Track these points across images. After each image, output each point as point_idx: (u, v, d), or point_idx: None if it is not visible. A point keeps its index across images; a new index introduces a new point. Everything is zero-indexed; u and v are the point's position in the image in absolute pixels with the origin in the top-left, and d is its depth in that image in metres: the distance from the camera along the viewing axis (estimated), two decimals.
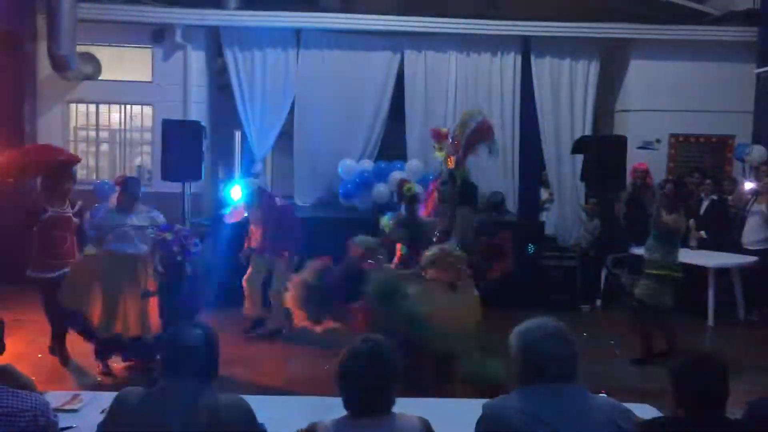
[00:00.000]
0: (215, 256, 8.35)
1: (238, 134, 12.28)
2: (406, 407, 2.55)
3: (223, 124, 11.12)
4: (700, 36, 10.05)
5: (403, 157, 10.15)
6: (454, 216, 6.18)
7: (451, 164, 6.19)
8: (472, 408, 2.64)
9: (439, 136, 7.06)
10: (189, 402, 2.34)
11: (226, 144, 11.72)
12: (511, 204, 10.09)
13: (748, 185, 8.79)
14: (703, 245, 8.69)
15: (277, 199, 7.15)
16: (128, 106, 10.15)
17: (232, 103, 10.31)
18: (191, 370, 2.40)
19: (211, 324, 2.59)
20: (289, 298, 5.35)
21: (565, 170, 10.36)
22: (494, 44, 10.28)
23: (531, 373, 2.46)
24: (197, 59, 9.95)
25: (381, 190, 9.52)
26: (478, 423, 2.48)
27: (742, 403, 2.73)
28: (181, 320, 5.12)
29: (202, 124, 9.03)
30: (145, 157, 10.22)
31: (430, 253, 5.17)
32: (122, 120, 10.20)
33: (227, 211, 7.86)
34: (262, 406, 2.80)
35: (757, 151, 9.41)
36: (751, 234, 8.35)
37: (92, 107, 10.14)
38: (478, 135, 6.14)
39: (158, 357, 2.51)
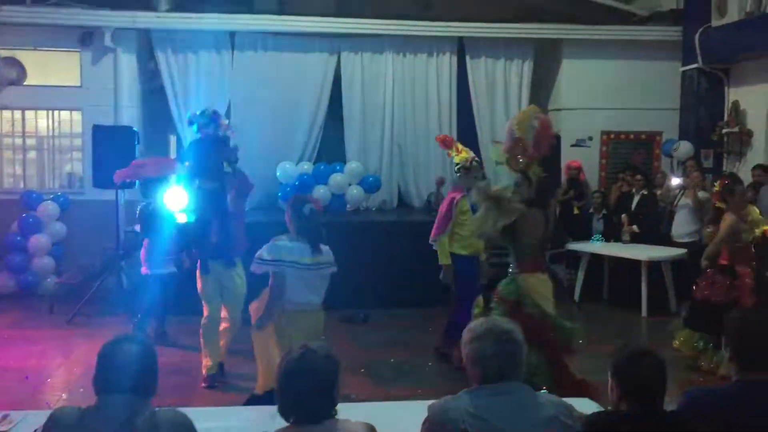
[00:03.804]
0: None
1: (173, 138, 12.04)
2: (351, 412, 2.54)
3: (157, 129, 10.87)
4: (628, 36, 10.35)
5: (342, 159, 10.12)
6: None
7: (518, 165, 5.94)
8: (418, 410, 2.65)
9: (447, 143, 6.83)
10: (126, 419, 2.26)
11: (161, 149, 11.47)
12: None
13: (675, 181, 9.09)
14: (635, 239, 8.95)
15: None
16: (56, 112, 9.81)
17: (165, 106, 10.09)
18: (127, 386, 2.32)
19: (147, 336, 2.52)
20: None
21: (502, 168, 10.50)
22: (430, 45, 10.36)
23: (475, 372, 2.50)
24: (128, 62, 9.69)
25: (321, 192, 9.47)
26: (423, 423, 2.49)
27: (676, 393, 2.82)
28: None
29: (135, 129, 8.81)
30: (76, 164, 9.90)
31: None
32: (50, 126, 9.85)
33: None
34: (204, 418, 2.74)
35: (683, 147, 9.77)
36: (679, 227, 8.63)
37: (18, 114, 9.74)
38: (544, 132, 5.92)
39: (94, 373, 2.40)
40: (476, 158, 6.65)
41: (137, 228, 6.20)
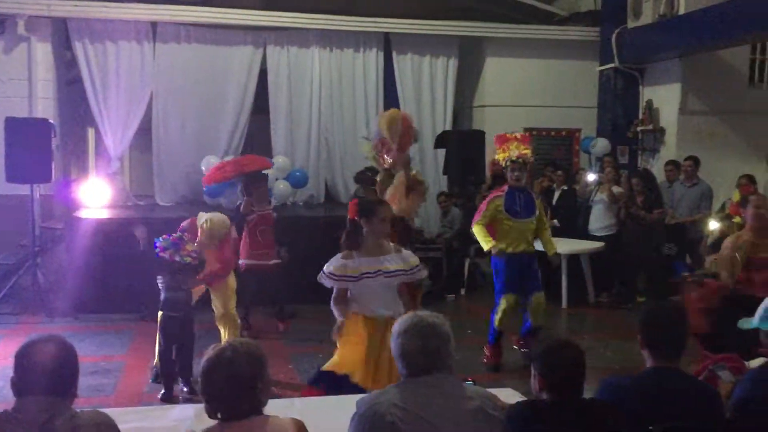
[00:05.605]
0: (72, 260, 7.92)
1: (91, 131, 11.67)
2: (280, 408, 2.54)
3: (75, 121, 10.50)
4: (548, 35, 10.65)
5: (269, 153, 10.02)
6: None
7: (384, 164, 6.14)
8: (346, 405, 2.68)
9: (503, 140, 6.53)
10: (45, 421, 2.20)
11: (79, 142, 11.10)
12: None
13: (591, 176, 9.42)
14: (555, 233, 9.21)
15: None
16: None
17: (83, 98, 9.74)
18: (46, 387, 2.25)
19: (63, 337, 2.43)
20: None
21: (428, 164, 10.64)
22: (356, 40, 10.37)
23: (401, 366, 2.54)
24: (43, 52, 9.29)
25: None
26: (352, 419, 2.52)
27: (594, 381, 2.94)
28: None
29: (51, 121, 8.48)
30: None
31: None
32: None
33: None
34: (127, 419, 2.69)
35: (601, 144, 10.13)
36: (596, 221, 8.95)
37: None
38: (409, 132, 6.21)
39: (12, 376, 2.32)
40: (513, 158, 6.17)
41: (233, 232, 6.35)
